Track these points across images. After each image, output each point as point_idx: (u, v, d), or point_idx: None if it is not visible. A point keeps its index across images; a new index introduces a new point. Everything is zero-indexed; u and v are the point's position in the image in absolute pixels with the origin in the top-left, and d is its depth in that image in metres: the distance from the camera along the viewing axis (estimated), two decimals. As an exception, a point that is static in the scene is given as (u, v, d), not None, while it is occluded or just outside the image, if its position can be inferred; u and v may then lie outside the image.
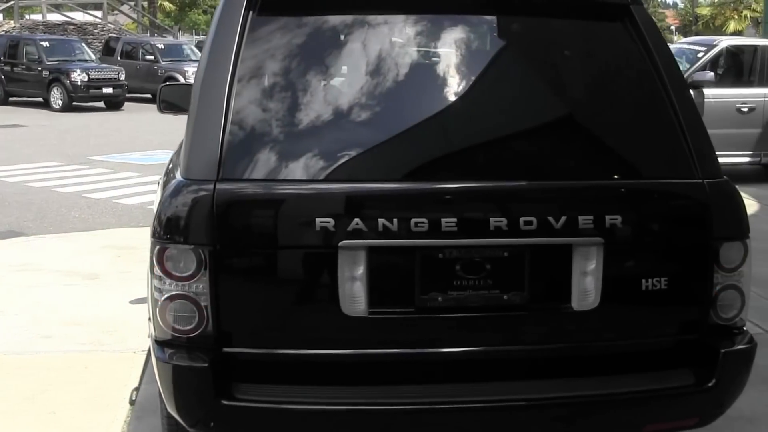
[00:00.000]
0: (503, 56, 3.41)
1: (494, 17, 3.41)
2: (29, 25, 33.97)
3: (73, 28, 33.90)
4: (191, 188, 2.94)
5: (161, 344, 3.02)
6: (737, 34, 42.18)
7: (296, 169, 3.00)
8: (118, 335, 5.46)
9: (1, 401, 4.46)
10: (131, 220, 9.42)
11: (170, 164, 3.89)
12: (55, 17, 36.23)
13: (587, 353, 3.14)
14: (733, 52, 12.73)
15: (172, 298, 2.94)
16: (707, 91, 11.45)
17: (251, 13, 3.17)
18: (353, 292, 2.94)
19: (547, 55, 3.45)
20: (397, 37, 3.28)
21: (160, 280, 2.95)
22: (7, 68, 24.97)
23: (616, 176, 3.18)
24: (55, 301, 6.18)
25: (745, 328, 3.26)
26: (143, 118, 20.95)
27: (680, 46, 13.94)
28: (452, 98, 3.24)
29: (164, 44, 29.18)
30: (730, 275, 3.15)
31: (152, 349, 3.10)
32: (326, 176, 2.99)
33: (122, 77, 24.45)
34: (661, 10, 73.68)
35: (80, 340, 5.38)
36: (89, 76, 23.56)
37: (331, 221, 2.90)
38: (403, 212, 2.92)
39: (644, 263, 3.12)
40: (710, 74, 11.76)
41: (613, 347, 3.16)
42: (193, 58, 27.28)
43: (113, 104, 24.28)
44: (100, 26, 35.41)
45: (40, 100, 24.28)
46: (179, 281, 2.92)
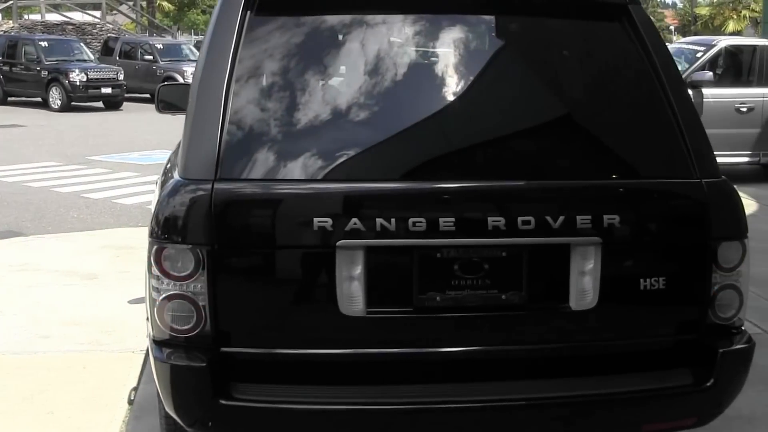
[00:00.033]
0: (501, 56, 3.41)
1: (492, 17, 3.41)
2: (28, 25, 34.00)
3: (71, 28, 33.92)
4: (189, 188, 2.94)
5: (159, 344, 3.02)
6: (736, 34, 42.23)
7: (294, 168, 3.00)
8: (116, 335, 5.45)
9: (-1, 401, 4.46)
10: (130, 220, 9.42)
11: (168, 164, 3.89)
12: (53, 17, 36.24)
13: (585, 353, 3.14)
14: (732, 52, 12.74)
15: (170, 297, 2.94)
16: (706, 90, 11.48)
17: (249, 13, 3.17)
18: (351, 291, 2.94)
19: (545, 54, 3.45)
20: (394, 36, 3.28)
21: (158, 279, 2.95)
22: (5, 68, 24.98)
23: (614, 176, 3.18)
24: (53, 301, 6.17)
25: (743, 327, 3.25)
26: (142, 118, 20.94)
27: (679, 45, 13.95)
28: (450, 98, 3.24)
29: (163, 44, 29.19)
30: (728, 275, 3.15)
31: (150, 348, 3.10)
32: (324, 176, 2.99)
33: (121, 77, 24.46)
34: (660, 10, 73.68)
35: (79, 340, 5.38)
36: (88, 76, 23.56)
37: (329, 221, 2.90)
38: (401, 212, 2.92)
39: (642, 263, 3.12)
40: (709, 74, 11.78)
41: (611, 347, 3.16)
42: (191, 58, 27.28)
43: (112, 104, 24.29)
44: (98, 26, 35.42)
45: (38, 100, 24.28)
46: (177, 281, 2.92)
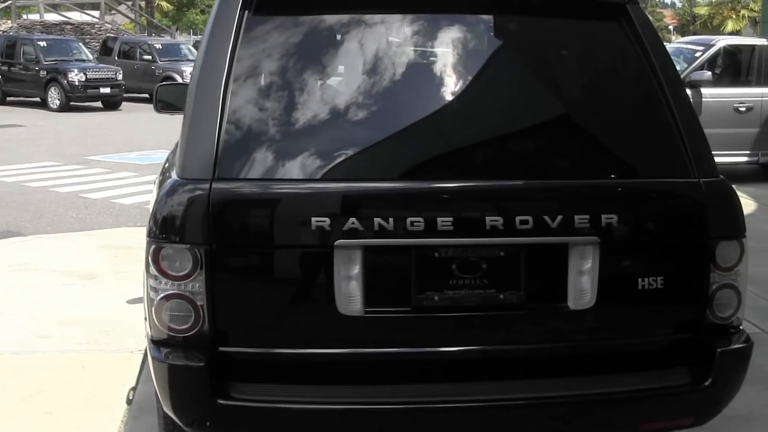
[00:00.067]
0: (499, 55, 3.40)
1: (490, 16, 3.40)
2: (27, 24, 33.99)
3: (70, 27, 33.91)
4: (187, 187, 2.94)
5: (157, 344, 3.01)
6: (735, 33, 42.25)
7: (292, 168, 3.00)
8: (115, 335, 5.45)
9: (-3, 401, 4.46)
10: (128, 219, 9.42)
11: (166, 163, 3.88)
12: (52, 17, 36.21)
13: (583, 352, 3.14)
14: (730, 51, 12.75)
15: (168, 297, 2.94)
16: (705, 90, 11.49)
17: (247, 12, 3.16)
18: (349, 291, 2.94)
19: (543, 54, 3.45)
20: (392, 36, 3.28)
21: (155, 279, 2.95)
22: (4, 68, 24.97)
23: (612, 175, 3.18)
24: (52, 300, 6.17)
25: (741, 327, 3.25)
26: (141, 117, 20.93)
27: (678, 45, 13.96)
28: (448, 97, 3.24)
29: (162, 44, 29.18)
30: (726, 274, 3.15)
31: (148, 348, 3.10)
32: (322, 175, 2.99)
33: (120, 77, 24.45)
34: (659, 9, 73.74)
35: (77, 339, 5.38)
36: (87, 75, 23.56)
37: (326, 220, 2.90)
38: (398, 211, 2.92)
39: (640, 262, 3.12)
40: (708, 74, 11.79)
41: (609, 346, 3.16)
42: (190, 57, 27.24)
43: (111, 104, 24.28)
44: (97, 26, 35.42)
45: (37, 100, 24.27)
46: (175, 280, 2.92)
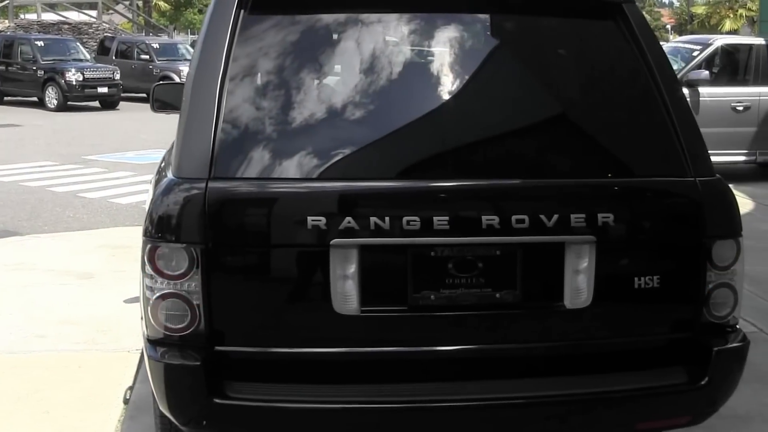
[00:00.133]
0: (495, 55, 3.40)
1: (487, 16, 3.40)
2: (24, 24, 33.96)
3: (68, 27, 33.89)
4: (183, 187, 2.93)
5: (153, 343, 3.01)
6: (733, 32, 42.25)
7: (288, 167, 3.00)
8: (112, 334, 5.45)
9: (-6, 400, 4.46)
10: (126, 219, 9.41)
11: (162, 163, 3.88)
12: (50, 17, 36.20)
13: (580, 351, 3.14)
14: (728, 50, 12.74)
15: (164, 296, 2.93)
16: (702, 89, 11.50)
17: (242, 11, 3.16)
18: (345, 290, 2.94)
19: (539, 53, 3.45)
20: (388, 35, 3.27)
21: (151, 278, 2.95)
22: (1, 68, 24.95)
23: (608, 174, 3.18)
24: (49, 300, 6.17)
25: (738, 326, 3.26)
26: (138, 117, 20.91)
27: (675, 44, 13.97)
28: (444, 97, 3.24)
29: (159, 44, 29.18)
30: (723, 273, 3.15)
31: (144, 347, 3.10)
32: (318, 175, 2.99)
33: (117, 77, 24.43)
34: (656, 8, 73.73)
35: (74, 339, 5.38)
36: (84, 75, 23.55)
37: (323, 220, 2.90)
38: (395, 210, 2.92)
39: (637, 261, 3.12)
40: (705, 73, 11.80)
41: (605, 345, 3.16)
42: (188, 57, 27.18)
43: (108, 104, 24.26)
44: (95, 26, 35.38)
45: (35, 99, 24.25)
46: (171, 280, 2.92)
